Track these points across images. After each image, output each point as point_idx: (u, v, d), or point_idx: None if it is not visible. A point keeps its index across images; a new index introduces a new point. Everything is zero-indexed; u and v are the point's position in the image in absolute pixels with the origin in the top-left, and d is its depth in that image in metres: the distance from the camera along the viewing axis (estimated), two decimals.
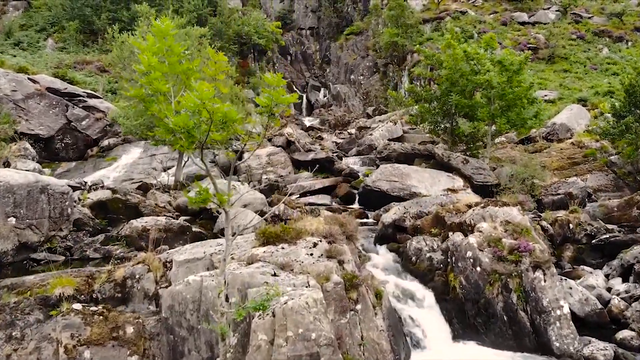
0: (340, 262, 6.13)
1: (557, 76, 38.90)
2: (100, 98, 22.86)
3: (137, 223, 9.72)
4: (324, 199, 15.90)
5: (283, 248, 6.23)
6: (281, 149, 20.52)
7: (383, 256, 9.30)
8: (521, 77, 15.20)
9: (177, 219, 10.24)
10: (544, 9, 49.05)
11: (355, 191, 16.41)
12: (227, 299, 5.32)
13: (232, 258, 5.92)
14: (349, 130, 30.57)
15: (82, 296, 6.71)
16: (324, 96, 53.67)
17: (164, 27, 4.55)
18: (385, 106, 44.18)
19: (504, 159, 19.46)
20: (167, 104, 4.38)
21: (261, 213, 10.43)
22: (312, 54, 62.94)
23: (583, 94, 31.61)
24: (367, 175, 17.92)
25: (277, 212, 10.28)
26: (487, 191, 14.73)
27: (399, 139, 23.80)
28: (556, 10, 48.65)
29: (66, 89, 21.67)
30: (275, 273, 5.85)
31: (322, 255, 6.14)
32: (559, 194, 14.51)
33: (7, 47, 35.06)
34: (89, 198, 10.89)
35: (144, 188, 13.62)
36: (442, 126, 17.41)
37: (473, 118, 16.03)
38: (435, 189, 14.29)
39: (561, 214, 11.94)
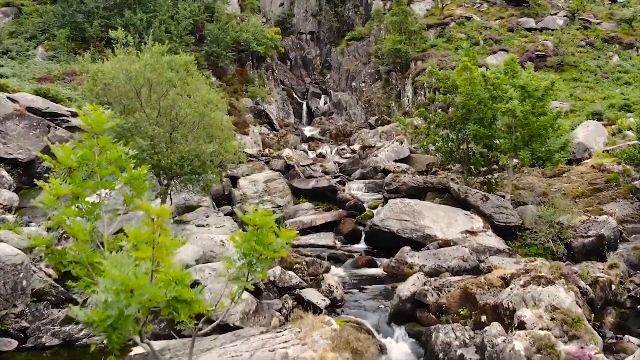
0: None
1: (567, 85, 37.42)
2: None
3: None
4: (327, 237, 14.33)
5: None
6: (279, 173, 18.98)
7: (401, 343, 7.70)
8: (546, 103, 13.67)
9: None
10: (551, 15, 47.59)
11: (361, 228, 14.82)
12: None
13: None
14: (352, 147, 29.02)
15: None
16: (325, 103, 52.35)
17: (95, 117, 3.01)
18: (387, 115, 42.65)
19: (521, 185, 17.97)
20: (91, 251, 2.84)
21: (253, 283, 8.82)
22: (312, 59, 61.63)
23: (597, 107, 30.08)
24: (374, 208, 16.39)
25: (272, 279, 8.70)
26: (509, 232, 13.21)
27: (406, 160, 22.30)
28: (564, 16, 47.18)
29: (48, 108, 20.16)
30: None
31: None
32: (589, 236, 12.99)
33: None
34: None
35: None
36: (457, 155, 15.85)
37: (492, 147, 14.51)
38: (453, 230, 12.74)
39: (600, 269, 10.38)
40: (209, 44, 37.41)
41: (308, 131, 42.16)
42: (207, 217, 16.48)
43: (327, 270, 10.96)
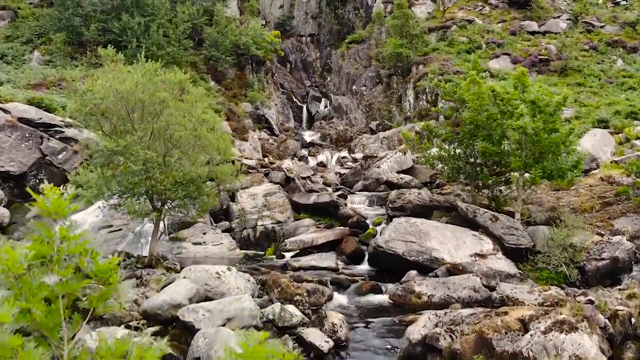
0: None
1: (571, 90, 36.74)
2: (80, 126, 20.73)
3: (89, 342, 7.55)
4: (328, 258, 13.75)
5: None
6: (279, 186, 18.40)
7: None
8: (557, 118, 13.10)
9: (145, 328, 8.03)
10: (554, 18, 46.97)
11: (365, 247, 14.25)
12: None
13: None
14: (353, 155, 28.44)
15: None
16: (325, 107, 51.77)
17: (53, 200, 2.45)
18: (389, 120, 42.04)
19: (529, 200, 17.42)
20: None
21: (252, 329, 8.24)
22: (312, 62, 61.13)
23: (602, 114, 29.52)
24: (377, 224, 15.83)
25: (271, 317, 8.08)
26: (520, 254, 12.66)
27: (409, 171, 21.72)
28: (567, 19, 46.59)
29: (41, 118, 19.60)
30: None
31: None
32: (603, 259, 12.44)
33: None
34: None
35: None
36: (464, 171, 15.26)
37: (500, 164, 13.94)
38: (461, 253, 12.19)
39: (618, 299, 9.83)
40: (208, 47, 36.86)
41: (308, 136, 41.60)
42: (204, 234, 15.95)
43: (330, 298, 10.39)
